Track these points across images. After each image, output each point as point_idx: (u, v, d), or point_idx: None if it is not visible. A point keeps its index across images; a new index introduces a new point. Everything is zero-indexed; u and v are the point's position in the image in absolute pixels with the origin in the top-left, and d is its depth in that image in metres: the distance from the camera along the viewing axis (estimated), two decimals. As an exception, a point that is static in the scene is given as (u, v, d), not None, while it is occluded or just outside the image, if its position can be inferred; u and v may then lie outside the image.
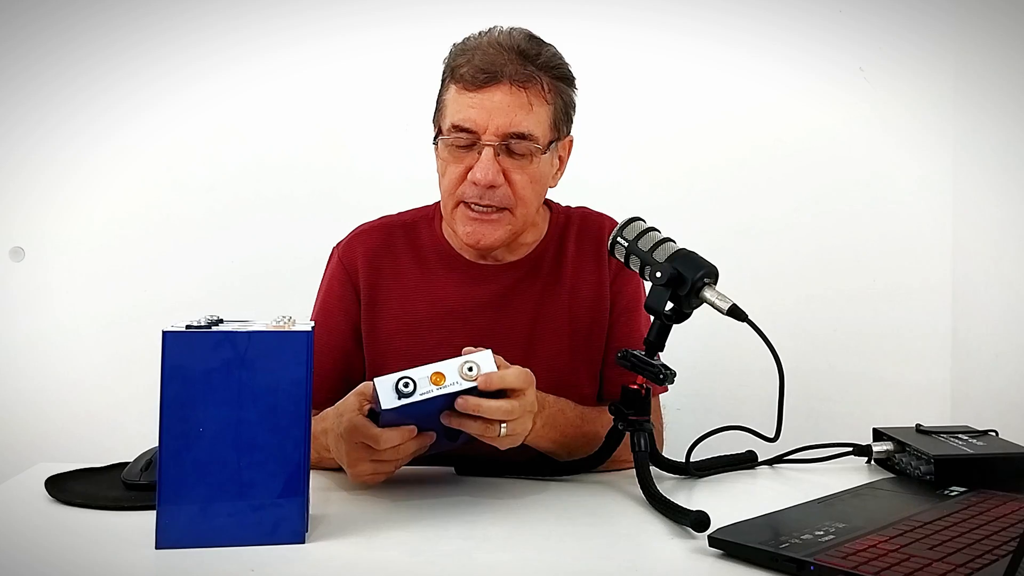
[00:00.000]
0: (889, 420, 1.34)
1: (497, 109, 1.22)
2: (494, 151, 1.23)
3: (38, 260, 1.95)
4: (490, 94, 1.23)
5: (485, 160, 1.23)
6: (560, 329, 1.34)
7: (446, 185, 1.28)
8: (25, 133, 1.93)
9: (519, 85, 1.23)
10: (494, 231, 1.27)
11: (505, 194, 1.25)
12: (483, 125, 1.23)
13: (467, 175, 1.25)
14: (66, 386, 1.94)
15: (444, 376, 0.97)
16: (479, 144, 1.24)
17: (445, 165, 1.28)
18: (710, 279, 1.12)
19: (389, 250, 1.36)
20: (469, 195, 1.26)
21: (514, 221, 1.28)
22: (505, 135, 1.23)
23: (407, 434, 1.02)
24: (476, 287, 1.34)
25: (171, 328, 0.88)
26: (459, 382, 0.97)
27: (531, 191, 1.28)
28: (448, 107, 1.27)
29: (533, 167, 1.27)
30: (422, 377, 0.96)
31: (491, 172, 1.23)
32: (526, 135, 1.24)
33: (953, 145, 2.08)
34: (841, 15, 2.06)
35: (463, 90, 1.24)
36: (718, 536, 0.90)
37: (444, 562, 0.88)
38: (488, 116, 1.22)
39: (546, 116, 1.26)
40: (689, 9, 2.02)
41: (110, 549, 0.89)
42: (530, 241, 1.38)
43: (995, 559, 0.83)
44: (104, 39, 1.94)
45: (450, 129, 1.25)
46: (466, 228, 1.28)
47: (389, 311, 1.33)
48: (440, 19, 1.93)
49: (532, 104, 1.24)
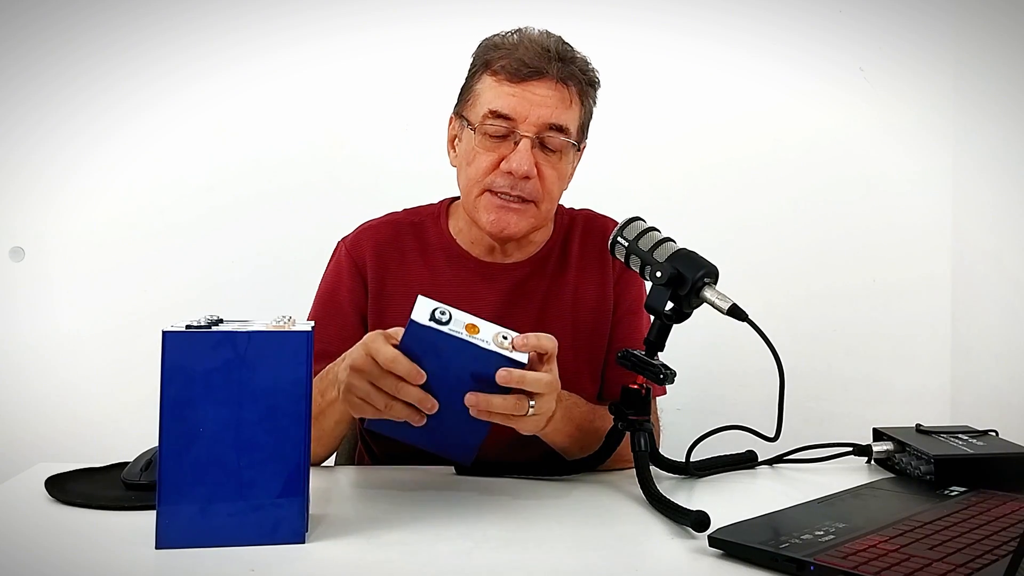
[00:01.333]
0: (889, 420, 1.34)
1: (539, 101, 1.24)
2: (531, 142, 1.24)
3: (38, 260, 1.95)
4: (533, 87, 1.24)
5: (522, 150, 1.24)
6: (563, 329, 1.34)
7: (473, 173, 1.28)
8: (25, 133, 1.94)
9: (562, 82, 1.25)
10: (519, 221, 1.28)
11: (535, 187, 1.26)
12: (523, 115, 1.24)
13: (498, 165, 1.26)
14: (66, 386, 1.94)
15: (479, 329, 0.95)
16: (515, 135, 1.25)
17: (474, 154, 1.28)
18: (710, 279, 1.12)
19: (396, 246, 1.37)
20: (499, 184, 1.26)
21: (537, 215, 1.29)
22: (544, 126, 1.25)
23: (415, 373, 0.94)
24: (482, 284, 1.35)
25: (171, 328, 0.88)
26: (488, 343, 0.95)
27: (557, 188, 1.30)
28: (483, 96, 1.27)
29: (563, 164, 1.29)
30: (459, 319, 0.94)
31: (527, 163, 1.24)
32: (563, 128, 1.26)
33: (953, 145, 2.08)
34: (841, 15, 2.06)
35: (503, 81, 1.25)
36: (718, 536, 0.90)
37: (444, 562, 0.88)
38: (529, 107, 1.24)
39: (578, 116, 1.29)
40: (689, 9, 2.03)
41: (110, 549, 0.89)
42: (538, 240, 1.38)
43: (995, 559, 0.83)
44: (104, 39, 1.94)
45: (486, 115, 1.25)
46: (491, 216, 1.28)
47: (395, 306, 1.33)
48: (440, 19, 1.94)
49: (571, 101, 1.27)
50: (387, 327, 1.31)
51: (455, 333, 0.93)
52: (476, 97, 1.28)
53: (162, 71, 1.95)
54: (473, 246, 1.36)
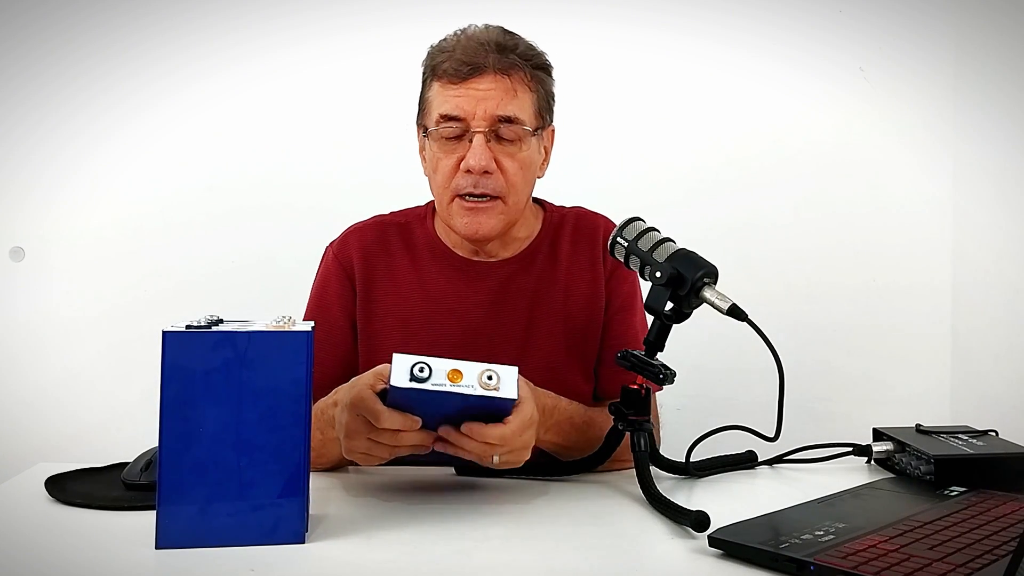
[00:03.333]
0: (889, 420, 1.34)
1: (483, 96, 1.25)
2: (484, 137, 1.26)
3: (38, 260, 1.95)
4: (475, 84, 1.26)
5: (477, 146, 1.25)
6: (555, 327, 1.34)
7: (440, 180, 1.30)
8: (25, 133, 1.94)
9: (502, 73, 1.26)
10: (489, 219, 1.29)
11: (497, 182, 1.27)
12: (471, 111, 1.25)
13: (459, 166, 1.27)
14: (66, 386, 1.94)
15: (462, 375, 0.95)
16: (469, 133, 1.26)
17: (436, 161, 1.30)
18: (710, 279, 1.12)
19: (383, 247, 1.37)
20: (463, 186, 1.27)
21: (507, 210, 1.30)
22: (494, 119, 1.26)
23: (410, 423, 0.99)
24: (470, 284, 1.35)
25: (171, 328, 0.88)
26: (474, 387, 0.95)
27: (521, 178, 1.30)
28: (433, 102, 1.29)
29: (523, 153, 1.29)
30: (439, 369, 0.94)
31: (484, 157, 1.25)
32: (513, 118, 1.27)
33: (953, 145, 2.08)
34: (841, 15, 2.06)
35: (448, 84, 1.27)
36: (718, 536, 0.90)
37: (444, 562, 0.88)
38: (475, 103, 1.25)
39: (530, 103, 1.29)
40: (689, 9, 2.03)
41: (110, 549, 0.89)
42: (523, 236, 1.38)
43: (995, 559, 0.83)
44: (104, 39, 1.94)
45: (438, 120, 1.27)
46: (463, 220, 1.29)
47: (383, 307, 1.34)
48: (440, 19, 1.93)
49: (516, 90, 1.27)
50: (375, 329, 1.33)
51: (437, 387, 0.93)
52: (428, 104, 1.31)
53: (162, 71, 1.95)
54: (458, 246, 1.37)
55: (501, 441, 1.01)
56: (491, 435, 1.00)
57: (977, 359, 2.00)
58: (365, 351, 1.33)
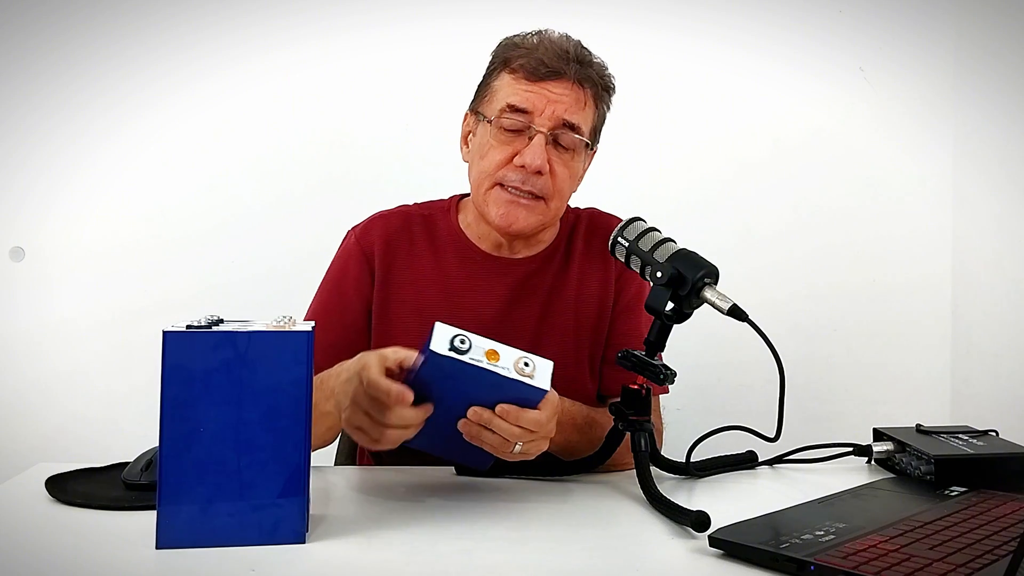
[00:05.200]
0: (889, 420, 1.34)
1: (555, 98, 1.27)
2: (544, 138, 1.26)
3: (38, 260, 1.95)
4: (550, 86, 1.27)
5: (536, 145, 1.26)
6: (566, 325, 1.35)
7: (485, 166, 1.29)
8: (25, 134, 1.93)
9: (578, 84, 1.28)
10: (528, 216, 1.29)
11: (546, 183, 1.28)
12: (539, 109, 1.26)
13: (511, 159, 1.28)
14: (66, 386, 1.94)
15: (499, 356, 0.93)
16: (530, 130, 1.27)
17: (488, 148, 1.29)
18: (710, 279, 1.12)
19: (407, 237, 1.38)
20: (510, 179, 1.28)
21: (546, 212, 1.31)
22: (559, 122, 1.27)
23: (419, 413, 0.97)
24: (489, 279, 1.35)
25: (171, 328, 0.88)
26: (509, 370, 0.93)
27: (567, 186, 1.32)
28: (501, 91, 1.29)
29: (575, 163, 1.31)
30: (479, 346, 0.93)
31: (541, 157, 1.26)
32: (577, 127, 1.28)
33: (953, 145, 2.08)
34: (841, 15, 2.07)
35: (522, 79, 1.28)
36: (718, 536, 0.90)
37: (444, 562, 0.88)
38: (545, 103, 1.26)
39: (592, 119, 1.32)
40: (689, 9, 2.03)
41: (110, 549, 0.89)
42: (546, 239, 1.39)
43: (995, 559, 0.83)
44: (104, 39, 1.94)
45: (503, 109, 1.27)
46: (500, 210, 1.29)
47: (401, 295, 1.34)
48: (440, 19, 1.93)
49: (586, 103, 1.29)
50: (391, 316, 1.33)
51: (475, 362, 0.92)
52: (493, 93, 1.30)
53: (162, 71, 1.95)
54: (481, 240, 1.37)
55: (536, 427, 0.99)
56: (527, 419, 0.98)
57: (977, 358, 2.00)
58: (378, 337, 1.33)
